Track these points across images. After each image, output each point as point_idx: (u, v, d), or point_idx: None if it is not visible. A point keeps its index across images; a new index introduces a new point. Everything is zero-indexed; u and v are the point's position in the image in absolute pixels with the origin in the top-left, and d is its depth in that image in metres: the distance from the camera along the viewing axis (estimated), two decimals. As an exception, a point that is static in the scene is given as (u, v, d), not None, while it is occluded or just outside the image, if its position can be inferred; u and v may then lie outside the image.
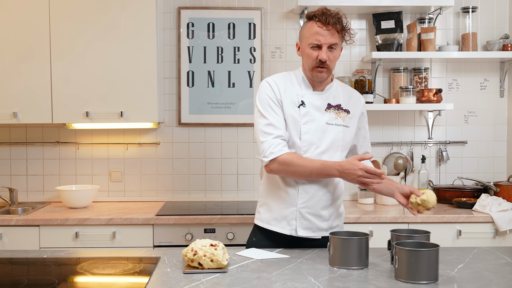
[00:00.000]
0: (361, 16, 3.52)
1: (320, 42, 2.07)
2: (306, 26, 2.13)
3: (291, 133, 2.13)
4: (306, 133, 2.13)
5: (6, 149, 3.49)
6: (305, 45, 2.12)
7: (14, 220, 2.89)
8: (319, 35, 2.07)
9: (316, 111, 2.15)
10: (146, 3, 3.13)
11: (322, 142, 2.14)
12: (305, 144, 2.13)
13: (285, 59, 3.51)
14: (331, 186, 2.19)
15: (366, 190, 3.35)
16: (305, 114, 2.14)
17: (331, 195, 2.19)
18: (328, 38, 2.07)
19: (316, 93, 2.18)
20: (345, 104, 2.21)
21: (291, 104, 2.14)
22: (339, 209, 2.27)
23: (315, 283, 1.66)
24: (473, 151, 3.57)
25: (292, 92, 2.16)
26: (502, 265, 1.88)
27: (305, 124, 2.13)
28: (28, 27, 3.12)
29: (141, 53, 3.14)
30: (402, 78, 3.44)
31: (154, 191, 3.51)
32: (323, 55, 2.07)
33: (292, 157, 2.06)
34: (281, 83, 2.18)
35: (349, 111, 2.21)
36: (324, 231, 2.18)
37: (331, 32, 2.07)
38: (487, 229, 2.96)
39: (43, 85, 3.14)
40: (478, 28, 3.52)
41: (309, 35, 2.10)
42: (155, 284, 1.68)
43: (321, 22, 2.07)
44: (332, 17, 2.07)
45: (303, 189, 2.14)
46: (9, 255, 2.09)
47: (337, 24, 2.07)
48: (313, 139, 2.13)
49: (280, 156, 2.06)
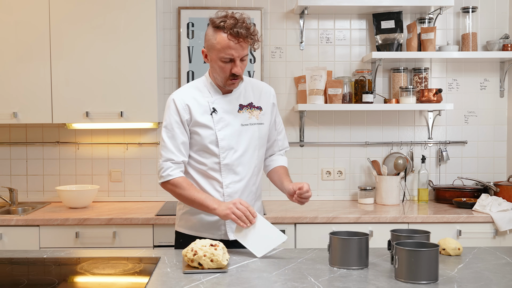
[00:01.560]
0: (361, 16, 3.52)
1: (233, 57, 2.03)
2: (215, 37, 2.03)
3: (207, 143, 2.12)
4: (223, 139, 2.13)
5: (6, 149, 3.49)
6: (215, 57, 2.06)
7: (14, 220, 2.89)
8: (231, 49, 2.01)
9: (229, 114, 2.15)
10: (146, 3, 3.13)
11: (239, 146, 2.15)
12: (223, 150, 2.13)
13: (285, 59, 3.51)
14: (253, 186, 2.22)
15: (366, 190, 3.36)
16: (219, 121, 2.13)
17: (253, 195, 2.24)
18: (240, 51, 2.03)
19: (225, 96, 2.17)
20: (256, 101, 2.21)
21: (203, 113, 2.13)
22: (260, 207, 2.33)
23: (315, 283, 1.66)
24: (473, 151, 3.57)
25: (202, 101, 2.14)
26: (502, 265, 1.88)
27: (220, 130, 2.13)
28: (28, 27, 3.12)
29: (141, 53, 3.14)
30: (402, 78, 3.44)
31: (154, 191, 3.51)
32: (237, 69, 2.05)
33: (181, 182, 2.10)
34: (189, 96, 2.14)
35: (261, 107, 2.22)
36: None
37: (243, 45, 2.03)
38: (487, 229, 2.96)
39: (43, 85, 3.14)
40: (478, 28, 3.52)
41: (220, 48, 2.02)
42: (155, 284, 1.68)
43: (232, 35, 2.00)
44: (243, 28, 2.00)
45: (228, 195, 2.15)
46: (9, 255, 2.09)
47: (248, 36, 2.02)
48: (231, 143, 2.13)
49: (171, 180, 2.11)
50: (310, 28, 3.52)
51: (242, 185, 2.17)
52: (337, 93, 3.32)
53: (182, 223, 2.26)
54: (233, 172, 2.15)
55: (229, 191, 2.16)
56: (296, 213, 2.98)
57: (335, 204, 3.36)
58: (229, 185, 2.16)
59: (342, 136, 3.54)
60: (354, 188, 3.53)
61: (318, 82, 3.27)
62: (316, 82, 3.27)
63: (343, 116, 3.53)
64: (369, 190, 3.36)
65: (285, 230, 2.87)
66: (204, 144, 2.13)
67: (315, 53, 3.52)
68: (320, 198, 3.53)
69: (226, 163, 2.14)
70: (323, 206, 3.25)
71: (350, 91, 3.43)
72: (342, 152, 3.54)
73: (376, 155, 3.52)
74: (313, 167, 3.53)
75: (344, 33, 3.52)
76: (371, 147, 3.54)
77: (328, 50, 3.53)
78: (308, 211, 3.07)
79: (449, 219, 2.94)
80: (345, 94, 3.41)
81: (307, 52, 3.52)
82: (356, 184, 3.54)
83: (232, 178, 2.16)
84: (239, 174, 2.16)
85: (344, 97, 3.40)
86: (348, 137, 3.54)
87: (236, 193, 2.16)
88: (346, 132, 3.54)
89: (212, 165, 2.15)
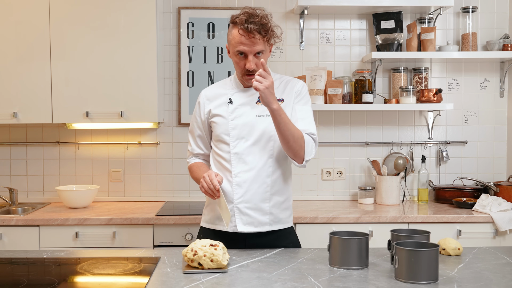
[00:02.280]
0: (361, 16, 3.52)
1: (245, 51, 2.07)
2: (231, 32, 2.11)
3: (219, 133, 2.19)
4: (234, 129, 2.16)
5: (6, 149, 3.49)
6: (232, 52, 2.14)
7: (14, 220, 2.89)
8: (242, 44, 2.06)
9: (245, 106, 2.19)
10: (146, 3, 3.13)
11: (251, 135, 2.15)
12: (234, 139, 2.16)
13: (285, 59, 3.51)
14: (268, 178, 2.15)
15: (366, 190, 3.36)
16: (233, 111, 2.18)
17: (268, 187, 2.15)
18: (252, 47, 2.06)
19: (245, 90, 2.22)
20: (279, 94, 2.21)
21: (222, 105, 2.21)
22: (283, 204, 2.20)
23: (315, 283, 1.66)
24: (473, 151, 3.57)
25: (223, 94, 2.23)
26: (502, 265, 1.88)
27: (233, 120, 2.17)
28: (28, 27, 3.12)
29: (141, 53, 3.14)
30: (402, 78, 3.44)
31: (154, 191, 3.51)
32: (249, 65, 2.08)
33: (192, 166, 2.31)
34: (212, 92, 2.27)
35: (283, 99, 2.21)
36: (268, 225, 2.16)
37: (254, 40, 2.05)
38: (487, 229, 2.96)
39: (43, 85, 3.14)
40: (478, 28, 3.52)
41: (234, 43, 2.09)
42: (155, 284, 1.68)
43: (243, 30, 2.04)
44: (255, 23, 2.03)
45: (237, 184, 2.14)
46: (9, 255, 2.09)
47: (260, 31, 2.05)
48: (241, 133, 2.16)
49: (188, 166, 2.35)
50: (310, 28, 3.52)
51: (252, 175, 2.14)
52: (337, 93, 3.32)
53: (203, 217, 2.31)
54: (243, 161, 2.14)
55: (238, 180, 2.14)
56: (296, 213, 2.98)
57: (335, 204, 3.36)
58: (238, 174, 2.14)
59: (342, 136, 3.54)
60: (354, 188, 3.53)
61: (318, 82, 3.27)
62: (316, 82, 3.27)
63: (343, 116, 3.53)
64: (369, 190, 3.36)
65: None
66: (219, 134, 2.19)
67: (315, 53, 3.52)
68: (320, 198, 3.53)
69: (236, 152, 2.15)
70: (323, 206, 3.25)
71: (350, 91, 3.43)
72: (342, 152, 3.54)
73: (376, 155, 3.52)
74: (313, 167, 3.53)
75: (344, 33, 3.52)
76: (371, 147, 3.54)
77: (328, 50, 3.53)
78: (308, 211, 3.07)
79: (449, 219, 2.94)
80: (345, 94, 3.41)
81: (307, 52, 3.52)
82: (356, 184, 3.54)
83: (242, 167, 2.14)
84: (249, 164, 2.14)
85: (344, 97, 3.40)
86: (348, 137, 3.54)
87: (245, 183, 2.14)
88: (346, 132, 3.54)
89: (225, 155, 2.17)
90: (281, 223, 2.20)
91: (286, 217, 2.22)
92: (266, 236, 2.17)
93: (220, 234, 2.18)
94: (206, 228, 2.27)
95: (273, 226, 2.17)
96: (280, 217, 2.19)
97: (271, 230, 2.17)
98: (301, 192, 3.52)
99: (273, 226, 2.17)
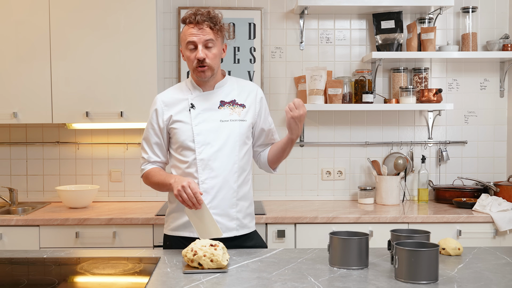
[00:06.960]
0: (361, 16, 3.52)
1: (194, 40, 2.11)
2: (182, 30, 2.19)
3: (183, 139, 2.16)
4: (199, 134, 2.15)
5: (6, 149, 3.49)
6: (183, 49, 2.18)
7: (14, 220, 2.89)
8: (191, 35, 2.12)
9: (207, 111, 2.18)
10: (146, 3, 3.13)
11: (216, 141, 2.15)
12: (199, 145, 2.14)
13: (285, 59, 3.51)
14: (234, 183, 2.17)
15: (366, 190, 3.36)
16: (196, 116, 2.17)
17: (234, 193, 2.17)
18: (201, 36, 2.11)
19: (206, 93, 2.21)
20: (240, 99, 2.23)
21: (183, 111, 2.19)
22: (248, 208, 2.25)
23: (315, 283, 1.66)
24: (473, 151, 3.57)
25: (183, 99, 2.21)
26: (502, 265, 1.88)
27: (197, 125, 2.16)
28: (28, 27, 3.12)
29: (141, 53, 3.14)
30: (402, 78, 3.44)
31: (154, 191, 3.49)
32: (199, 54, 2.11)
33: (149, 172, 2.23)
34: (170, 98, 2.23)
35: (244, 105, 2.22)
36: (235, 231, 2.18)
37: (203, 30, 2.12)
38: (487, 229, 2.96)
39: (43, 85, 3.14)
40: (478, 28, 3.52)
41: (184, 36, 2.16)
42: (155, 284, 1.68)
43: (191, 22, 2.13)
44: (202, 15, 2.12)
45: (204, 191, 2.13)
46: (9, 255, 2.09)
47: (206, 21, 2.11)
48: (207, 139, 2.15)
49: (143, 174, 2.27)
50: (310, 28, 3.52)
51: (219, 181, 2.14)
52: (337, 93, 3.32)
53: (167, 225, 2.27)
54: (209, 167, 2.14)
55: (205, 186, 2.14)
56: (296, 213, 2.98)
57: (335, 204, 3.36)
58: (205, 181, 2.14)
59: (342, 136, 3.54)
60: (354, 188, 3.53)
61: (318, 82, 3.27)
62: (316, 82, 3.27)
63: (343, 116, 3.53)
64: (369, 190, 3.36)
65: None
66: (182, 140, 2.16)
67: (315, 53, 3.52)
68: (320, 198, 3.53)
69: (202, 158, 2.14)
70: (323, 206, 3.25)
71: (350, 91, 3.43)
72: (342, 152, 3.54)
73: (376, 155, 3.52)
74: (313, 167, 3.53)
75: (344, 33, 3.52)
76: (371, 147, 3.54)
77: (328, 50, 3.53)
78: (308, 211, 3.07)
79: (449, 219, 2.94)
80: (345, 94, 3.41)
81: (307, 52, 3.52)
82: (356, 184, 3.54)
83: (208, 173, 2.14)
84: (215, 170, 2.14)
85: (344, 97, 3.40)
86: (348, 137, 3.54)
87: (212, 189, 2.14)
88: (346, 132, 3.54)
89: (190, 162, 2.15)
90: (246, 227, 2.24)
91: (248, 222, 2.26)
92: (233, 241, 2.17)
93: (189, 240, 2.11)
94: (172, 236, 2.24)
95: (240, 231, 2.20)
96: (245, 222, 2.23)
97: (238, 235, 2.20)
98: (301, 192, 3.52)
99: (240, 231, 2.20)
